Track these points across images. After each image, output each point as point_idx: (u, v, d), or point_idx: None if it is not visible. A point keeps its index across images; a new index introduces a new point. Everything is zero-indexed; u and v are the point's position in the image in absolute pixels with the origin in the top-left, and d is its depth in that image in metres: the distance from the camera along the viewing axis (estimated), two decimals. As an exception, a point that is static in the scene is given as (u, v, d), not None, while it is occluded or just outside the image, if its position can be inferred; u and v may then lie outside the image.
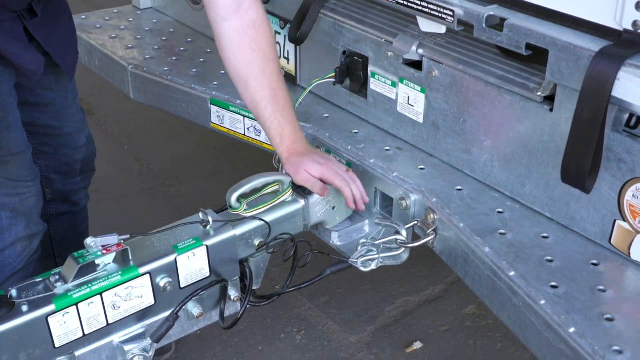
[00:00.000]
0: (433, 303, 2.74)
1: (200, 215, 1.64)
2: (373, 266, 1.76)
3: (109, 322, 1.54)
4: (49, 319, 1.44)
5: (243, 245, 1.69)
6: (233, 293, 1.69)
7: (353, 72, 2.09)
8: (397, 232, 1.74)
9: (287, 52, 2.28)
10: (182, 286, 1.62)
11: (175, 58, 2.51)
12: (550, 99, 1.60)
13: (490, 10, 1.60)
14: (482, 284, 1.60)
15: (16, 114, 1.81)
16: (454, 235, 1.67)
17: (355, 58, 2.06)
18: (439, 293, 2.79)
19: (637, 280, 1.51)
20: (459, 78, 1.78)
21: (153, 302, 1.59)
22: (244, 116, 2.17)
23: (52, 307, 1.44)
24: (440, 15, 1.68)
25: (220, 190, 1.86)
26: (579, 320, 1.38)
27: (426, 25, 1.77)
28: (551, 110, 1.59)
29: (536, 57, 1.57)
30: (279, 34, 2.27)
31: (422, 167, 1.89)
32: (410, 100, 1.93)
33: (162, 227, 1.64)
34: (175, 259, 1.58)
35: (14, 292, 1.45)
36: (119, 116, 4.00)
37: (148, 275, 1.55)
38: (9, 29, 1.71)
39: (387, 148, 1.97)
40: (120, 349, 1.57)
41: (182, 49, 2.60)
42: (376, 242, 1.76)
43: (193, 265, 1.61)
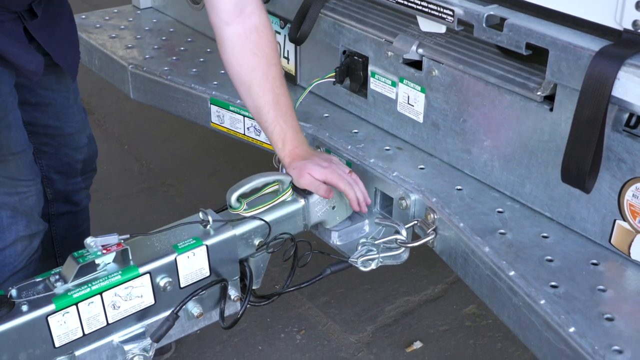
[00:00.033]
0: (433, 303, 2.74)
1: (200, 214, 1.64)
2: (373, 266, 1.76)
3: (109, 322, 1.54)
4: (49, 319, 1.44)
5: (243, 245, 1.69)
6: (233, 293, 1.69)
7: (353, 71, 2.09)
8: (397, 232, 1.74)
9: (287, 51, 2.28)
10: (182, 286, 1.62)
11: (175, 58, 2.51)
12: (550, 99, 1.59)
13: (490, 10, 1.60)
14: (482, 283, 1.60)
15: (16, 113, 1.81)
16: (453, 235, 1.67)
17: (355, 58, 2.06)
18: (439, 293, 2.79)
19: (637, 280, 1.51)
20: (459, 78, 1.78)
21: (153, 302, 1.59)
22: (244, 116, 2.17)
23: (52, 307, 1.44)
24: (440, 14, 1.68)
25: (220, 189, 1.86)
26: (578, 320, 1.38)
27: (426, 25, 1.77)
28: (551, 109, 1.59)
29: (536, 56, 1.57)
30: (279, 33, 2.27)
31: (422, 166, 1.89)
32: (410, 100, 1.93)
33: (162, 226, 1.64)
34: (175, 259, 1.58)
35: (13, 292, 1.45)
36: (119, 116, 4.00)
37: (148, 275, 1.55)
38: (9, 30, 1.70)
39: (387, 148, 1.97)
40: (120, 348, 1.57)
41: (182, 48, 2.60)
42: (376, 242, 1.76)
43: (193, 265, 1.61)
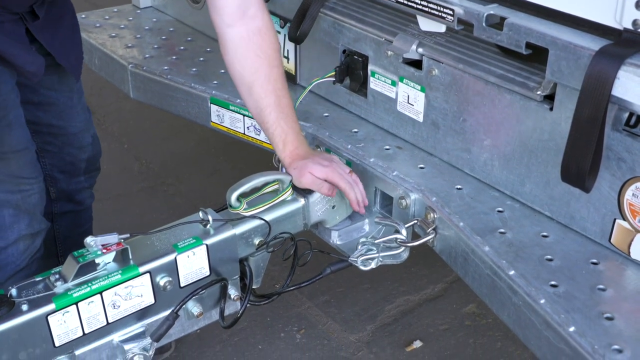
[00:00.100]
0: (433, 302, 2.74)
1: (200, 214, 1.64)
2: (373, 265, 1.76)
3: (109, 321, 1.54)
4: (49, 318, 1.44)
5: (243, 244, 1.69)
6: (233, 292, 1.69)
7: (353, 71, 2.09)
8: (397, 231, 1.74)
9: (287, 51, 2.28)
10: (182, 285, 1.62)
11: (175, 57, 2.51)
12: (550, 98, 1.59)
13: (490, 9, 1.60)
14: (482, 282, 1.60)
15: (18, 111, 1.81)
16: (453, 234, 1.67)
17: (355, 57, 2.06)
18: (438, 292, 2.79)
19: (636, 279, 1.51)
20: (459, 77, 1.78)
21: (153, 301, 1.59)
22: (244, 115, 2.17)
23: (52, 306, 1.44)
24: (440, 14, 1.68)
25: (220, 189, 1.86)
26: (578, 319, 1.38)
27: (426, 24, 1.77)
28: (551, 109, 1.59)
29: (536, 56, 1.57)
30: (279, 32, 2.27)
31: (421, 166, 1.89)
32: (410, 99, 1.93)
33: (162, 226, 1.64)
34: (175, 258, 1.58)
35: (13, 291, 1.45)
36: (119, 115, 4.00)
37: (148, 274, 1.55)
38: (10, 31, 1.70)
39: (387, 147, 1.97)
40: (120, 348, 1.57)
41: (182, 47, 2.60)
42: (376, 241, 1.76)
43: (193, 264, 1.61)
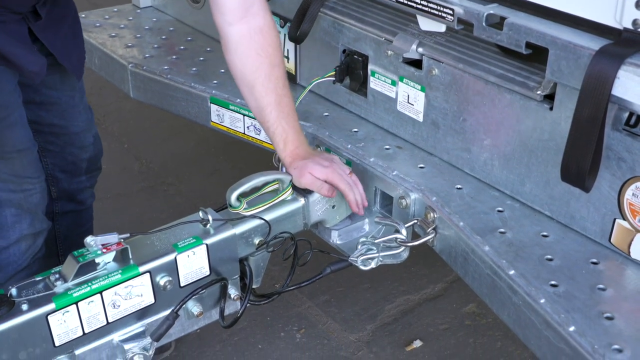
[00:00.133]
0: (433, 301, 2.74)
1: (200, 214, 1.64)
2: (373, 265, 1.76)
3: (109, 321, 1.54)
4: (49, 318, 1.44)
5: (243, 244, 1.69)
6: (233, 292, 1.69)
7: (353, 70, 2.09)
8: (397, 231, 1.74)
9: (287, 50, 2.28)
10: (182, 285, 1.62)
11: (175, 57, 2.51)
12: (550, 98, 1.59)
13: (490, 9, 1.60)
14: (482, 282, 1.60)
15: (21, 111, 1.81)
16: (453, 234, 1.67)
17: (355, 57, 2.06)
18: (438, 291, 2.79)
19: (636, 279, 1.51)
20: (459, 77, 1.78)
21: (153, 301, 1.59)
22: (244, 115, 2.17)
23: (52, 306, 1.44)
24: (440, 13, 1.68)
25: (220, 188, 1.86)
26: (578, 319, 1.38)
27: (426, 24, 1.77)
28: (551, 108, 1.59)
29: (536, 55, 1.57)
30: (279, 32, 2.26)
31: (421, 165, 1.89)
32: (410, 99, 1.93)
33: (162, 225, 1.64)
34: (175, 258, 1.58)
35: (13, 291, 1.45)
36: (119, 115, 4.00)
37: (148, 274, 1.55)
38: (12, 31, 1.70)
39: (387, 147, 1.97)
40: (120, 347, 1.57)
41: (182, 47, 2.60)
42: (376, 241, 1.76)
43: (193, 264, 1.61)
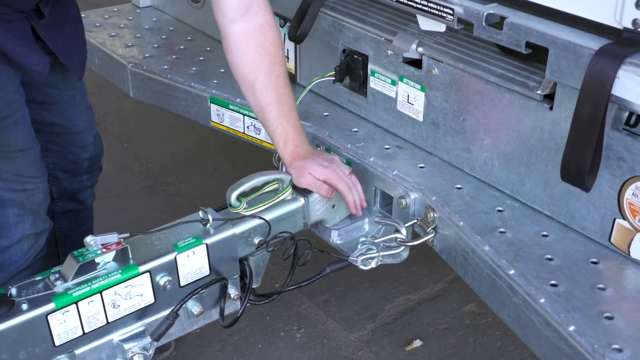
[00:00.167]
0: (433, 301, 2.74)
1: (200, 213, 1.64)
2: (373, 264, 1.76)
3: (109, 321, 1.54)
4: (49, 318, 1.44)
5: (243, 244, 1.69)
6: (233, 291, 1.69)
7: (353, 70, 2.09)
8: (397, 231, 1.74)
9: (287, 50, 2.28)
10: (181, 285, 1.62)
11: (174, 56, 2.51)
12: (550, 98, 1.59)
13: (490, 9, 1.60)
14: (482, 282, 1.60)
15: (24, 110, 1.81)
16: (453, 234, 1.67)
17: (355, 56, 2.06)
18: (438, 291, 2.79)
19: (636, 279, 1.51)
20: (459, 76, 1.78)
21: (153, 301, 1.59)
22: (244, 114, 2.17)
23: (51, 306, 1.44)
24: (440, 13, 1.68)
25: (220, 188, 1.86)
26: (578, 319, 1.38)
27: (426, 24, 1.77)
28: (551, 108, 1.59)
29: (536, 55, 1.57)
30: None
31: (421, 165, 1.89)
32: (410, 99, 1.93)
33: (162, 225, 1.64)
34: (175, 258, 1.58)
35: (13, 291, 1.45)
36: (119, 114, 4.00)
37: (148, 274, 1.55)
38: (17, 30, 1.70)
39: (387, 146, 1.97)
40: (120, 347, 1.57)
41: (182, 47, 2.60)
42: (376, 241, 1.76)
43: (193, 264, 1.61)
